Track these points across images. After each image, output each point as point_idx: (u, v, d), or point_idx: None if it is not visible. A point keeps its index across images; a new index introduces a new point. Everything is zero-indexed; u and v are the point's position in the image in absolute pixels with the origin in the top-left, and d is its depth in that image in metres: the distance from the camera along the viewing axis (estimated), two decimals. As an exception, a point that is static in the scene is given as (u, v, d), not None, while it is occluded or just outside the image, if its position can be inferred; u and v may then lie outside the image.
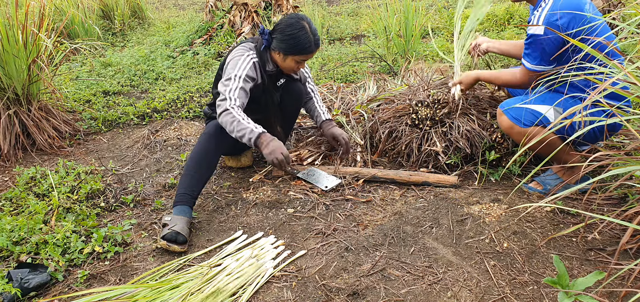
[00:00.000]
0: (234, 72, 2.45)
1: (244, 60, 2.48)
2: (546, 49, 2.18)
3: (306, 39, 2.46)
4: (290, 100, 2.78)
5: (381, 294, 1.83)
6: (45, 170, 2.86)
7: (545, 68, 2.22)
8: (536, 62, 2.24)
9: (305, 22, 2.47)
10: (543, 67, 2.23)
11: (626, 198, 2.25)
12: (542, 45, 2.18)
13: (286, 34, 2.45)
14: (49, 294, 1.95)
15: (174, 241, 2.14)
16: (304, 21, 2.47)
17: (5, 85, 3.18)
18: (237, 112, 2.38)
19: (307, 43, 2.46)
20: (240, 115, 2.38)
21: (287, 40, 2.45)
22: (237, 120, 2.37)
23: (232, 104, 2.39)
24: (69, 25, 5.86)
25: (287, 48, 2.47)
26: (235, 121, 2.37)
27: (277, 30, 2.49)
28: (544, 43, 2.17)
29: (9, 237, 2.18)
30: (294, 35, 2.44)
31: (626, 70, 1.72)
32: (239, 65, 2.47)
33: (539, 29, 2.18)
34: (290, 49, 2.47)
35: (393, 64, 4.46)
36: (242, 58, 2.49)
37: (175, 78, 4.72)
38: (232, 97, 2.41)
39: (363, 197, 2.52)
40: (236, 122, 2.36)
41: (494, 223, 2.20)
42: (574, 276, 1.85)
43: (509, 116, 2.30)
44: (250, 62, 2.50)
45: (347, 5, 7.77)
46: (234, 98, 2.41)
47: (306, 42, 2.46)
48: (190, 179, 2.37)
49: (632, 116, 1.88)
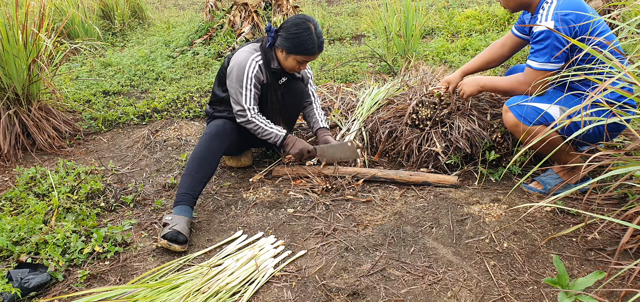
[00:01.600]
0: (244, 81, 2.54)
1: (250, 66, 2.55)
2: (557, 45, 2.13)
3: (310, 40, 2.47)
4: (292, 99, 2.78)
5: (381, 294, 1.83)
6: (45, 170, 2.86)
7: (553, 67, 2.17)
8: (545, 59, 2.17)
9: (312, 23, 2.49)
10: (551, 66, 2.17)
11: (626, 198, 2.25)
12: (553, 41, 2.13)
13: (291, 32, 2.47)
14: (49, 294, 1.95)
15: (175, 240, 2.14)
16: (310, 23, 2.49)
17: (5, 85, 3.18)
18: (259, 120, 2.60)
19: (311, 44, 2.48)
20: (262, 122, 2.61)
21: (291, 38, 2.47)
22: (262, 128, 2.61)
23: (252, 115, 2.58)
24: (69, 25, 5.86)
25: (291, 47, 2.49)
26: (260, 128, 2.61)
27: (283, 28, 2.52)
28: (555, 38, 2.12)
29: (9, 237, 2.18)
30: (298, 35, 2.46)
31: (626, 70, 1.72)
32: (247, 73, 2.54)
33: (549, 24, 2.13)
34: (294, 48, 2.48)
35: (393, 64, 4.46)
36: (248, 64, 2.54)
37: (175, 78, 4.72)
38: (250, 107, 2.57)
39: (363, 197, 2.52)
40: (261, 130, 2.61)
41: (494, 223, 2.20)
42: (574, 276, 1.85)
43: (514, 113, 2.28)
44: (255, 66, 2.55)
45: (347, 5, 7.77)
46: (251, 107, 2.58)
47: (309, 43, 2.47)
48: (191, 179, 2.37)
49: (632, 116, 1.88)
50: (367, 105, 3.11)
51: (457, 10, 6.40)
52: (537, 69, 2.22)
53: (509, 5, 2.36)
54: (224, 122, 2.62)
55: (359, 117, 3.05)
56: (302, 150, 2.64)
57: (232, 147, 2.69)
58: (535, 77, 2.23)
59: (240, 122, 2.60)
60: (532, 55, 2.23)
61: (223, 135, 2.56)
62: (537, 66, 2.21)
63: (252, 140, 2.84)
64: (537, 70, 2.22)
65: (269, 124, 2.62)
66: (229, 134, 2.59)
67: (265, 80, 2.60)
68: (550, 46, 2.15)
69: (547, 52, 2.17)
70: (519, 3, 2.32)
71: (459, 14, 6.06)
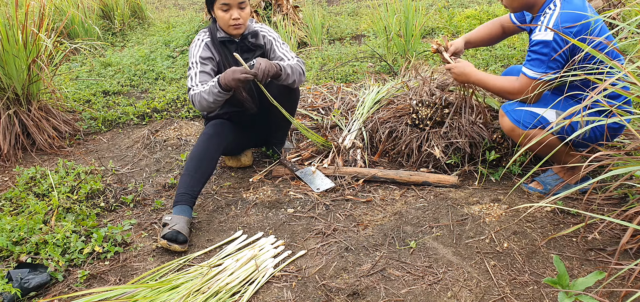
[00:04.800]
0: (190, 60, 2.53)
1: (195, 46, 2.54)
2: (555, 56, 2.10)
3: None
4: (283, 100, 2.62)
5: (381, 294, 1.83)
6: (45, 170, 2.86)
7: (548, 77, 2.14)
8: (541, 70, 2.14)
9: None
10: (548, 74, 2.14)
11: (626, 198, 2.25)
12: (550, 53, 2.11)
13: None
14: (49, 294, 1.95)
15: (175, 240, 2.14)
16: None
17: (5, 85, 3.18)
18: (198, 88, 2.42)
19: None
20: (200, 87, 2.41)
21: None
22: (199, 92, 2.40)
23: (194, 88, 2.44)
24: (68, 25, 5.86)
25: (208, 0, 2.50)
26: (198, 93, 2.40)
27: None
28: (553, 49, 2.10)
29: (9, 237, 2.18)
30: None
31: (626, 70, 1.72)
32: (192, 52, 2.53)
33: (548, 35, 2.10)
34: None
35: (393, 64, 4.46)
36: (194, 44, 2.55)
37: (175, 78, 4.72)
38: (194, 83, 2.46)
39: (363, 197, 2.52)
40: (199, 94, 2.40)
41: (494, 223, 2.20)
42: (574, 276, 1.85)
43: (510, 118, 2.28)
44: (201, 44, 2.54)
45: (347, 5, 7.77)
46: (196, 83, 2.46)
47: None
48: (190, 179, 2.37)
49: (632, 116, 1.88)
50: (367, 105, 3.10)
51: (457, 10, 6.39)
52: (531, 78, 2.19)
53: (513, 5, 2.32)
54: (221, 121, 2.62)
55: (359, 117, 3.05)
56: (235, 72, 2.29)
57: (230, 146, 2.69)
58: (529, 85, 2.20)
59: (190, 101, 2.49)
60: (528, 62, 2.20)
61: (221, 134, 2.56)
62: (532, 75, 2.18)
63: (251, 140, 2.84)
64: (531, 79, 2.19)
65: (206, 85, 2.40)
66: (227, 133, 2.59)
67: (217, 57, 2.55)
68: (548, 57, 2.12)
69: (544, 63, 2.14)
70: (523, 3, 2.29)
71: (459, 14, 6.06)
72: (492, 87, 2.39)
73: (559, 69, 2.14)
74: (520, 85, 2.24)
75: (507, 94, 2.33)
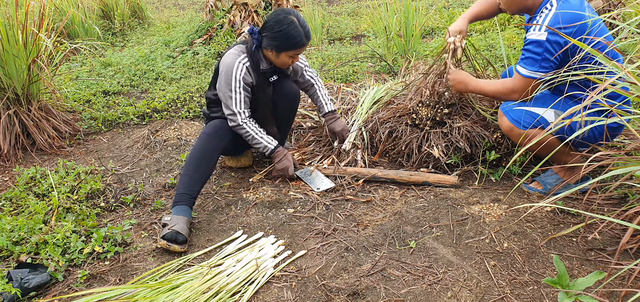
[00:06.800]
0: (233, 84, 2.50)
1: (237, 70, 2.50)
2: (548, 56, 2.12)
3: (297, 33, 2.45)
4: (284, 102, 2.75)
5: (381, 294, 1.83)
6: (45, 170, 2.86)
7: (543, 75, 2.16)
8: (534, 68, 2.17)
9: (293, 16, 2.46)
10: (539, 74, 2.16)
11: (626, 198, 2.25)
12: (544, 53, 2.12)
13: (275, 31, 2.45)
14: (49, 294, 1.95)
15: (174, 240, 2.14)
16: (291, 15, 2.46)
17: (5, 85, 3.18)
18: (250, 126, 2.58)
19: (299, 37, 2.46)
20: (253, 129, 2.59)
21: (278, 37, 2.45)
22: (252, 136, 2.58)
23: (243, 119, 2.56)
24: (69, 25, 5.86)
25: (280, 45, 2.47)
26: (250, 136, 2.58)
27: (266, 28, 2.49)
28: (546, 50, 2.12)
29: (9, 237, 2.18)
30: (283, 32, 2.44)
31: (626, 70, 1.72)
32: (235, 76, 2.50)
33: (542, 35, 2.12)
34: (282, 45, 2.47)
35: (393, 64, 4.46)
36: (235, 67, 2.50)
37: (175, 78, 4.72)
38: (239, 110, 2.54)
39: (363, 197, 2.52)
40: (251, 137, 2.59)
41: (494, 223, 2.20)
42: (574, 276, 1.85)
43: (509, 118, 2.28)
44: (242, 69, 2.51)
45: (347, 5, 7.77)
46: (242, 110, 2.55)
47: (297, 36, 2.45)
48: (189, 179, 2.37)
49: (632, 116, 1.88)
50: (367, 105, 3.10)
51: (457, 10, 6.39)
52: (524, 76, 2.21)
53: (511, 9, 2.35)
54: (221, 121, 2.62)
55: (359, 117, 3.04)
56: (285, 170, 2.64)
57: (229, 146, 2.68)
58: (522, 83, 2.23)
59: (232, 127, 2.57)
60: (522, 60, 2.22)
61: (220, 134, 2.56)
62: (525, 73, 2.20)
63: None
64: (524, 77, 2.21)
65: (260, 132, 2.59)
66: (226, 133, 2.59)
67: (253, 82, 2.57)
68: (541, 56, 2.14)
69: (537, 62, 2.16)
70: (520, 7, 2.31)
71: (459, 14, 6.06)
72: (489, 92, 2.43)
73: (551, 69, 2.16)
74: (513, 84, 2.28)
75: (503, 95, 2.36)
